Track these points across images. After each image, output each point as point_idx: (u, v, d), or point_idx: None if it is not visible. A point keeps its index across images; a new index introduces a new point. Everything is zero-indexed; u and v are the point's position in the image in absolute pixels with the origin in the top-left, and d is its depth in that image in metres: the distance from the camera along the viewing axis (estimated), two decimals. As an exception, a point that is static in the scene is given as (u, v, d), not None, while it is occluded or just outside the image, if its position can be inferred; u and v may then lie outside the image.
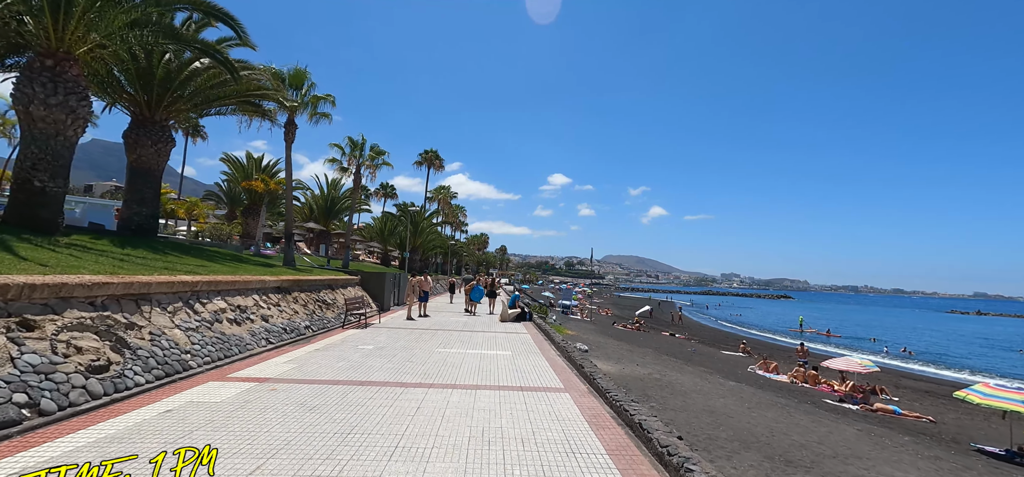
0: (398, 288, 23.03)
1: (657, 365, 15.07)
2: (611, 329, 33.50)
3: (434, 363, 8.87)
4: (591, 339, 20.21)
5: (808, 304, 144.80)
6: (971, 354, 40.73)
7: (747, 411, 9.71)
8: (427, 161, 54.65)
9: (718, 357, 25.87)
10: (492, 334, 14.08)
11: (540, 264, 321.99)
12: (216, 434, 4.67)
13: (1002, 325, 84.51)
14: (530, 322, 18.26)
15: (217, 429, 4.81)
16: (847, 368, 15.06)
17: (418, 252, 41.93)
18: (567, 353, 10.09)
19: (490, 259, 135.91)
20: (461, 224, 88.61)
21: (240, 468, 4.00)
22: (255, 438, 4.61)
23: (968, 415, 15.61)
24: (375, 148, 26.95)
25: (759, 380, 18.17)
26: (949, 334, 61.29)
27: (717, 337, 41.83)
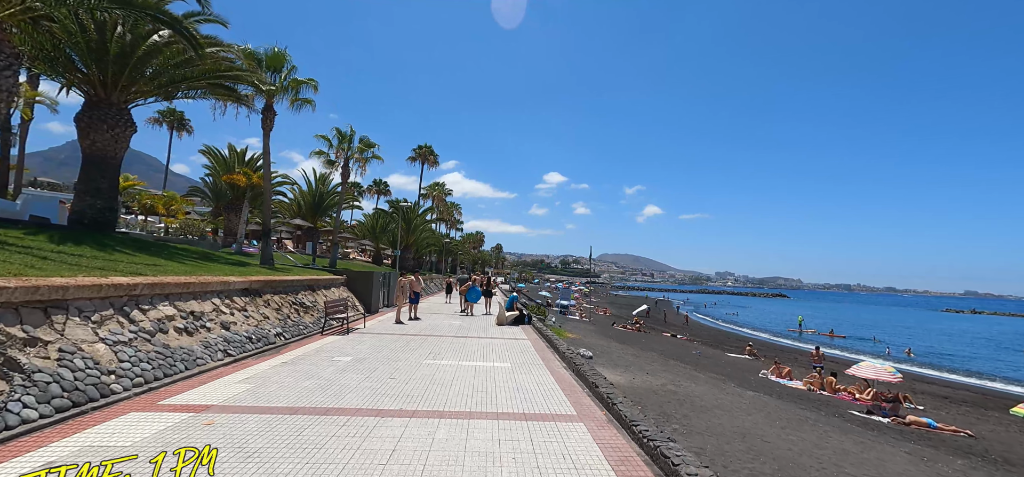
0: (388, 288, 21.65)
1: (667, 373, 13.83)
2: (611, 330, 32.29)
3: (421, 380, 7.52)
4: (593, 343, 18.95)
5: (804, 303, 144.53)
6: (977, 355, 39.85)
7: (781, 432, 8.45)
8: (421, 157, 53.29)
9: (724, 360, 24.70)
10: (488, 340, 12.75)
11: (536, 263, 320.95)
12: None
13: (998, 323, 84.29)
14: (529, 326, 16.95)
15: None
16: (875, 376, 13.86)
17: (411, 250, 40.49)
18: (575, 366, 8.77)
19: (486, 257, 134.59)
20: (456, 222, 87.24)
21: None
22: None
23: (1003, 426, 14.48)
24: (364, 140, 25.50)
25: (774, 387, 16.96)
26: (949, 334, 60.60)
27: (718, 338, 40.76)
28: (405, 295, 16.53)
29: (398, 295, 16.60)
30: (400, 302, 16.39)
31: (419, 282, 17.18)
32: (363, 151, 25.23)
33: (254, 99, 16.31)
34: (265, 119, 16.11)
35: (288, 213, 34.40)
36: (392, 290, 22.04)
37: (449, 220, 77.39)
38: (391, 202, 39.34)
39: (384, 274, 21.64)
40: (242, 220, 24.29)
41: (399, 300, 16.42)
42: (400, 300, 16.43)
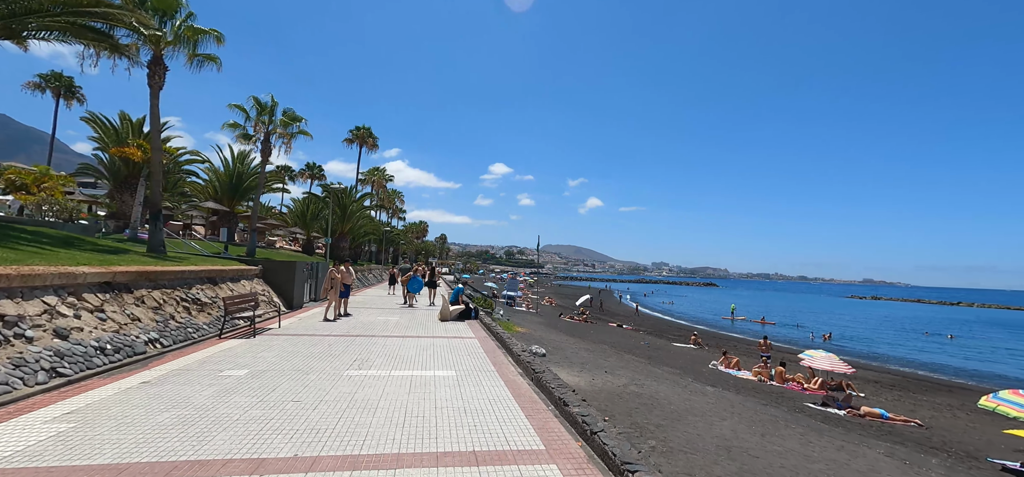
0: (316, 280, 19.13)
1: (626, 370, 12.79)
2: (559, 322, 31.45)
3: (335, 402, 5.68)
4: (544, 337, 17.70)
5: (732, 291, 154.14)
6: (882, 338, 43.35)
7: (762, 441, 7.48)
8: (359, 139, 49.62)
9: (672, 351, 24.51)
10: (430, 340, 10.98)
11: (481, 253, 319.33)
12: None
13: (894, 308, 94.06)
14: (476, 320, 15.33)
15: None
16: (832, 367, 13.63)
17: (347, 239, 37.35)
18: (533, 373, 7.26)
19: (429, 248, 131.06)
20: (398, 210, 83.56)
21: None
22: None
23: (941, 412, 14.88)
24: (289, 113, 22.46)
25: (726, 379, 16.59)
26: (856, 318, 66.12)
27: (661, 326, 41.40)
28: (337, 289, 14.35)
29: (327, 288, 14.37)
30: (331, 297, 14.20)
31: (350, 274, 14.99)
32: (287, 125, 22.23)
33: (138, 50, 13.23)
34: (153, 75, 13.08)
35: (202, 196, 30.24)
36: (321, 282, 19.55)
37: (390, 208, 73.73)
38: (324, 186, 35.92)
39: (312, 264, 19.08)
40: (137, 201, 20.55)
41: (330, 294, 14.22)
42: (331, 294, 14.24)
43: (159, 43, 13.01)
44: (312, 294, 18.87)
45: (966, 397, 19.15)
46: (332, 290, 14.24)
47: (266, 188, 29.13)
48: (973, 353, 35.36)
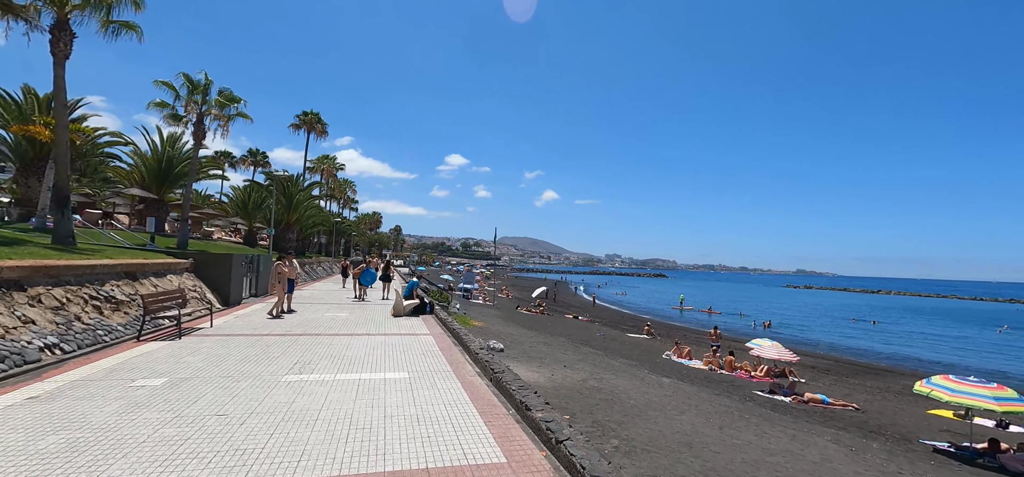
0: (256, 274, 17.76)
1: (584, 364, 12.67)
2: (516, 314, 31.25)
3: (267, 415, 5.00)
4: (502, 331, 17.36)
5: (680, 282, 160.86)
6: (815, 325, 46.48)
7: (721, 435, 7.47)
8: (307, 125, 47.05)
9: (627, 341, 24.92)
10: (382, 338, 10.31)
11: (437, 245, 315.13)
12: None
13: (827, 297, 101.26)
14: (431, 315, 14.72)
15: None
16: (779, 356, 14.15)
17: (294, 230, 35.28)
18: (492, 373, 6.84)
19: (383, 239, 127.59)
20: (350, 201, 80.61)
21: None
22: None
23: (872, 395, 15.88)
24: (226, 93, 20.66)
25: (679, 369, 16.94)
26: (793, 306, 70.68)
27: (615, 318, 42.25)
28: (283, 283, 13.30)
29: (273, 283, 13.28)
30: (277, 291, 13.17)
31: (294, 267, 13.94)
32: (224, 106, 20.45)
33: (38, 12, 11.49)
34: (56, 41, 11.38)
35: (127, 182, 27.41)
36: (263, 277, 18.20)
37: (342, 198, 70.86)
38: (269, 174, 33.66)
39: (252, 257, 17.69)
40: (45, 186, 18.23)
41: (277, 289, 13.16)
42: (277, 289, 13.19)
43: (64, 5, 11.34)
44: (253, 289, 17.52)
45: (892, 380, 20.68)
46: (279, 285, 13.20)
47: (201, 174, 26.83)
48: (893, 338, 38.50)
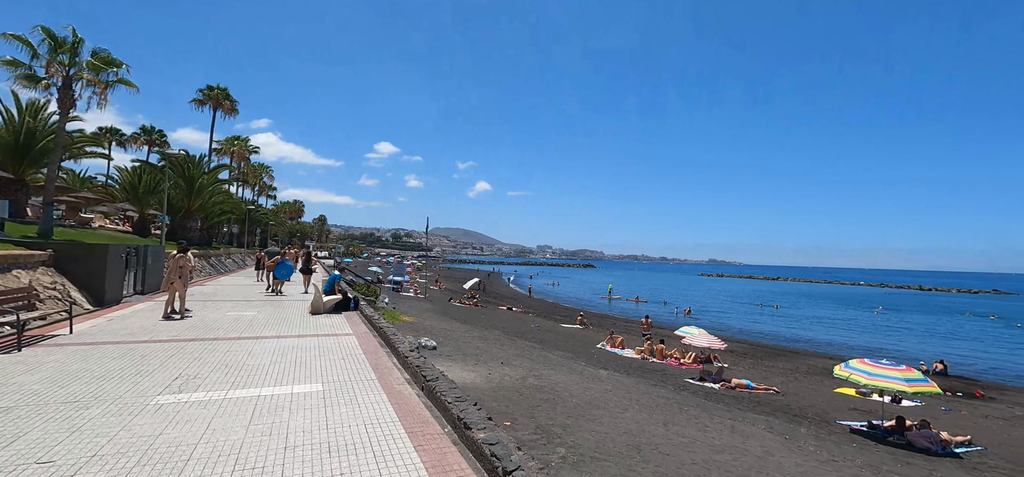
0: (143, 269, 15.21)
1: (522, 360, 12.14)
2: (450, 307, 30.22)
3: (117, 457, 3.71)
4: (435, 326, 16.39)
5: (608, 272, 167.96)
6: (730, 310, 50.27)
7: (666, 432, 7.22)
8: (212, 101, 42.18)
9: (562, 332, 24.93)
10: (295, 340, 8.96)
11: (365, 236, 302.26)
12: None
13: (737, 284, 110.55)
14: (356, 312, 13.39)
15: None
16: (709, 345, 14.55)
17: (196, 218, 31.32)
18: (424, 380, 5.93)
19: (306, 229, 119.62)
20: (267, 187, 74.40)
21: None
22: None
23: (786, 377, 16.96)
24: (102, 55, 17.38)
25: (614, 359, 17.01)
26: (709, 293, 76.26)
27: (548, 308, 42.57)
28: (184, 279, 11.31)
29: (169, 280, 11.22)
30: (176, 289, 11.15)
31: (189, 260, 11.91)
32: (100, 71, 17.26)
33: None
34: None
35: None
36: (152, 271, 15.64)
37: (257, 184, 65.02)
38: (163, 154, 29.42)
39: (137, 248, 15.10)
40: None
41: (175, 287, 11.13)
42: (177, 287, 11.17)
43: None
44: (139, 286, 14.98)
45: (798, 361, 22.49)
46: (177, 281, 11.19)
47: (75, 151, 22.64)
48: (793, 321, 42.49)
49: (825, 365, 20.99)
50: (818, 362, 21.94)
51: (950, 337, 34.75)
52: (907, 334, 36.05)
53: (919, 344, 30.74)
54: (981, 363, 24.81)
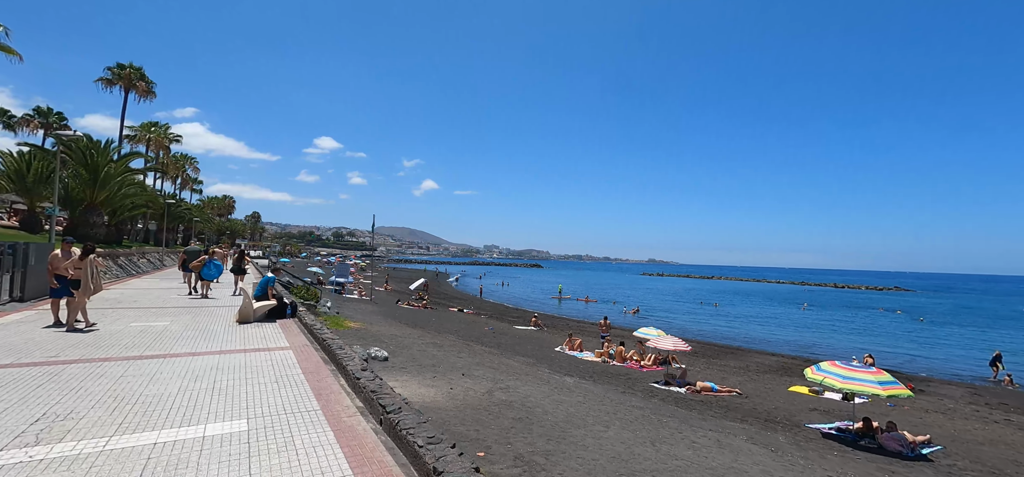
0: (23, 270, 12.60)
1: (483, 369, 11.15)
2: (398, 310, 28.55)
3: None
4: (383, 332, 14.98)
5: (555, 272, 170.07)
6: (677, 308, 51.93)
7: (656, 452, 6.52)
8: (124, 81, 37.44)
9: (517, 335, 24.12)
10: (216, 357, 7.39)
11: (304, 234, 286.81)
12: None
13: (677, 283, 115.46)
14: (293, 319, 11.76)
15: None
16: (675, 348, 14.22)
17: (100, 212, 27.36)
18: (384, 412, 4.75)
19: (237, 227, 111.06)
20: (191, 180, 68.02)
21: None
22: None
23: (748, 378, 17.10)
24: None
25: (575, 364, 16.40)
26: (652, 292, 78.76)
27: (499, 310, 41.71)
28: (93, 283, 9.28)
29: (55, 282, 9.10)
30: (78, 302, 9.05)
31: (72, 257, 9.72)
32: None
33: None
34: None
35: None
36: (34, 274, 13.01)
37: (179, 176, 59.12)
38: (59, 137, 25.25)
39: (14, 245, 12.47)
40: None
41: (76, 300, 9.04)
42: (79, 299, 9.08)
43: None
44: (16, 291, 12.38)
45: (746, 358, 23.10)
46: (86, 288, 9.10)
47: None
48: (734, 319, 44.44)
49: (772, 363, 21.76)
50: (765, 360, 22.66)
51: (868, 332, 37.71)
52: (833, 330, 38.71)
53: (847, 339, 32.98)
54: (899, 356, 26.83)
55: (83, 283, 9.08)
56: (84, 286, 9.10)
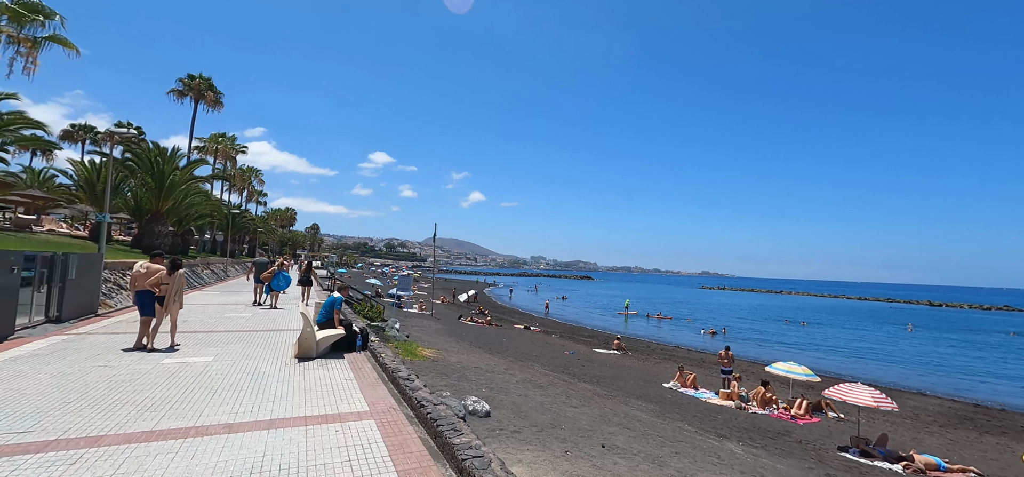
0: (62, 285, 10.83)
1: (616, 428, 8.07)
2: (462, 327, 25.91)
3: None
4: (464, 363, 12.08)
5: (607, 284, 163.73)
6: (764, 330, 46.11)
7: None
8: (194, 92, 37.79)
9: (604, 362, 20.66)
10: (263, 440, 4.71)
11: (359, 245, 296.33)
12: None
13: (742, 297, 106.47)
14: (364, 353, 9.13)
15: None
16: (875, 404, 10.30)
17: (165, 221, 26.80)
18: None
19: (298, 238, 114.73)
20: (257, 193, 69.69)
21: None
22: None
23: (972, 449, 12.67)
24: (26, 1, 13.18)
25: (694, 407, 12.82)
26: (721, 308, 71.32)
27: (566, 328, 38.19)
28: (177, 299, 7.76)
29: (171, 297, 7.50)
30: (171, 312, 8.37)
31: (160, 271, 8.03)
32: (25, 22, 12.99)
33: None
34: None
35: None
36: (74, 289, 11.24)
37: (245, 188, 60.43)
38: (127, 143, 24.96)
39: (52, 255, 10.72)
40: None
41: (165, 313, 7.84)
42: (170, 310, 8.33)
43: None
44: (54, 310, 10.60)
45: (901, 400, 18.22)
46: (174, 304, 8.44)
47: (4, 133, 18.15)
48: (840, 344, 38.13)
49: (948, 411, 16.67)
50: (928, 404, 17.75)
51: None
52: (985, 359, 31.95)
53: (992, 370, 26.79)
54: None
55: (168, 299, 8.42)
56: (168, 302, 8.45)
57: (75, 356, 7.50)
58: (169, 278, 8.47)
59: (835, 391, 10.98)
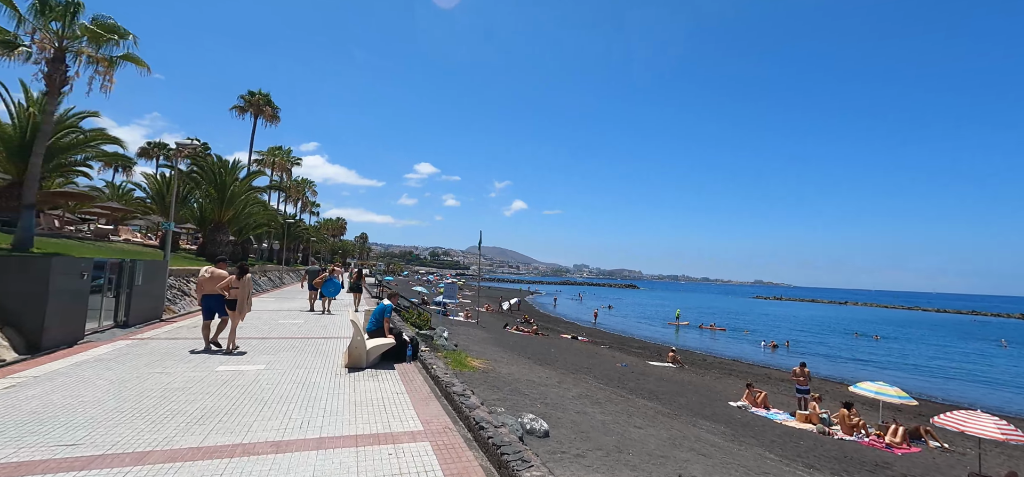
0: (128, 291, 11.21)
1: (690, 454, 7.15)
2: (507, 337, 25.37)
3: None
4: (515, 375, 11.47)
5: (652, 292, 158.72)
6: (830, 343, 42.61)
7: None
8: (253, 107, 39.83)
9: (660, 376, 19.46)
10: (311, 460, 4.31)
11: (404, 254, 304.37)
12: None
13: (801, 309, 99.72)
14: (414, 363, 8.76)
15: None
16: (1004, 437, 8.82)
17: (226, 230, 28.12)
18: None
19: (347, 247, 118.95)
20: (310, 203, 72.63)
21: None
22: None
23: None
24: (103, 22, 14.00)
25: (773, 431, 11.57)
26: (780, 320, 66.65)
27: (616, 339, 36.84)
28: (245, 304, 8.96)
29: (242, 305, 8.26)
30: (237, 318, 8.82)
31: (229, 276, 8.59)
32: (100, 41, 13.80)
33: None
34: None
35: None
36: (141, 295, 11.63)
37: (300, 199, 63.11)
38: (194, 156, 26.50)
39: (121, 262, 11.13)
40: None
41: (239, 316, 8.77)
42: (237, 316, 8.80)
43: None
44: (121, 315, 10.97)
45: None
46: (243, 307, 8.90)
47: (77, 145, 19.34)
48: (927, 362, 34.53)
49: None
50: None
51: None
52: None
53: None
54: None
55: (239, 303, 8.75)
56: (240, 306, 8.78)
57: (136, 362, 7.54)
58: (238, 283, 8.79)
59: (949, 419, 9.46)
